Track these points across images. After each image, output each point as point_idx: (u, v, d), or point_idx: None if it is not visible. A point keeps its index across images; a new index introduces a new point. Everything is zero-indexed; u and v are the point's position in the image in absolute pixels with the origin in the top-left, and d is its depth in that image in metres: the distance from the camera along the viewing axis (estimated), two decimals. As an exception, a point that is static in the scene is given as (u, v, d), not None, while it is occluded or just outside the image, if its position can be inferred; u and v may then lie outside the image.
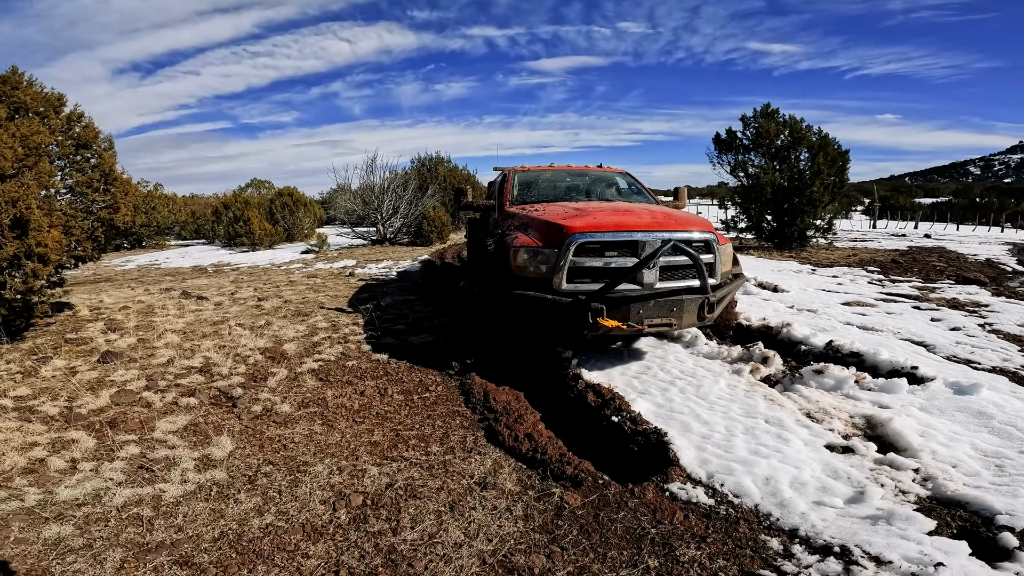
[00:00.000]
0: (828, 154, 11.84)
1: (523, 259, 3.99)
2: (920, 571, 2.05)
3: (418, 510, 2.46)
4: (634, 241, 3.92)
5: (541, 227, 4.16)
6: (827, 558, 2.14)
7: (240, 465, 2.87)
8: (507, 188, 5.71)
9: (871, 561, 2.12)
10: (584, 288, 3.87)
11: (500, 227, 4.96)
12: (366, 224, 15.68)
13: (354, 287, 8.18)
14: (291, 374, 4.22)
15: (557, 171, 6.47)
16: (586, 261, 3.87)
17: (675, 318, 3.95)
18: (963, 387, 3.84)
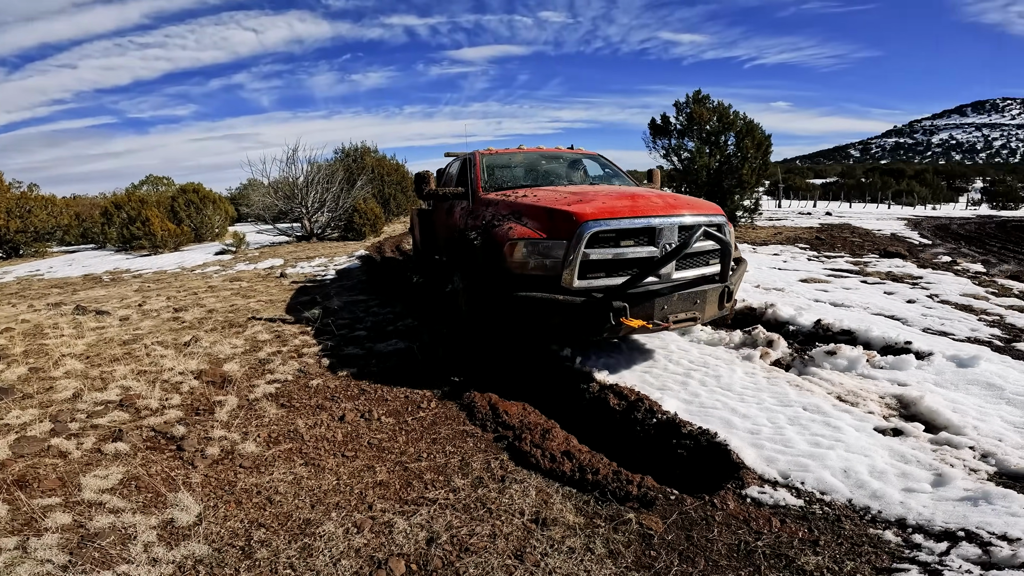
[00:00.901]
0: (755, 138, 12.25)
1: (522, 254, 3.38)
2: None
3: (481, 569, 1.91)
4: (651, 228, 3.41)
5: (541, 215, 3.53)
6: (957, 543, 1.99)
7: (221, 532, 2.14)
8: (476, 173, 4.97)
9: (1002, 540, 1.99)
10: (599, 284, 3.36)
11: (478, 217, 4.20)
12: (288, 220, 14.35)
13: (289, 289, 7.25)
14: (243, 402, 3.43)
15: (529, 154, 5.82)
16: (599, 253, 3.32)
17: (699, 311, 3.56)
18: (963, 360, 3.82)
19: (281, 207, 14.01)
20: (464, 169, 5.50)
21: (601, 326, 3.25)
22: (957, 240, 14.74)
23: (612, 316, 3.20)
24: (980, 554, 1.93)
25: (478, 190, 4.76)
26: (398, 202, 18.80)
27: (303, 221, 13.72)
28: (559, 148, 6.24)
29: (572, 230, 3.26)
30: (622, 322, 3.20)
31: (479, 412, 3.19)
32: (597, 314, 3.23)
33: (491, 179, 5.03)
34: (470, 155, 5.55)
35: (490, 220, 3.89)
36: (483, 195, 4.60)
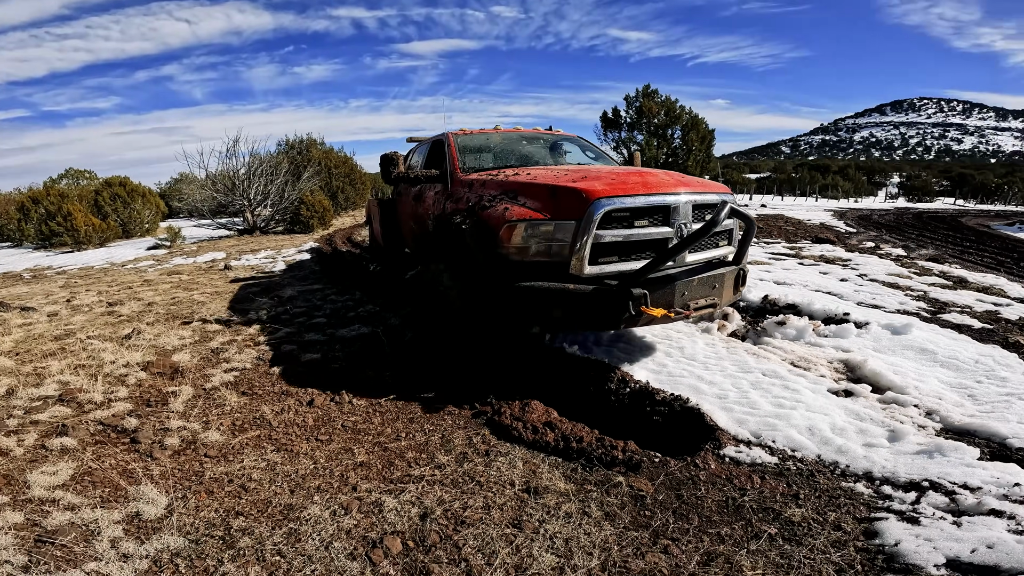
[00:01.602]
0: (699, 132, 12.73)
1: (522, 238, 2.96)
2: (1008, 491, 2.15)
3: (480, 540, 1.89)
4: (666, 206, 3.09)
5: (542, 193, 3.11)
6: (925, 493, 2.16)
7: (196, 523, 2.01)
8: (452, 153, 4.51)
9: (964, 489, 2.17)
10: (612, 270, 3.00)
11: (460, 200, 3.78)
12: (228, 214, 13.64)
13: (236, 281, 6.91)
14: (199, 392, 3.24)
15: (508, 134, 5.32)
16: (611, 235, 2.95)
17: (717, 296, 3.31)
18: (897, 328, 4.13)
19: (220, 200, 13.30)
20: (435, 152, 5.16)
21: (618, 317, 2.87)
22: (879, 228, 15.89)
23: (632, 305, 2.82)
24: (948, 502, 2.09)
25: (456, 171, 4.29)
26: (347, 195, 18.28)
27: (245, 214, 13.10)
28: (537, 129, 5.81)
29: (582, 209, 2.89)
30: (643, 311, 2.86)
31: (452, 387, 3.16)
32: (614, 303, 2.85)
33: (469, 161, 4.60)
34: (440, 137, 5.14)
35: (477, 202, 3.47)
36: (463, 176, 4.14)
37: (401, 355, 3.80)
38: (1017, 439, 2.56)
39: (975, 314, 4.85)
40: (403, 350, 3.89)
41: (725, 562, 1.79)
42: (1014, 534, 1.89)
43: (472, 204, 3.51)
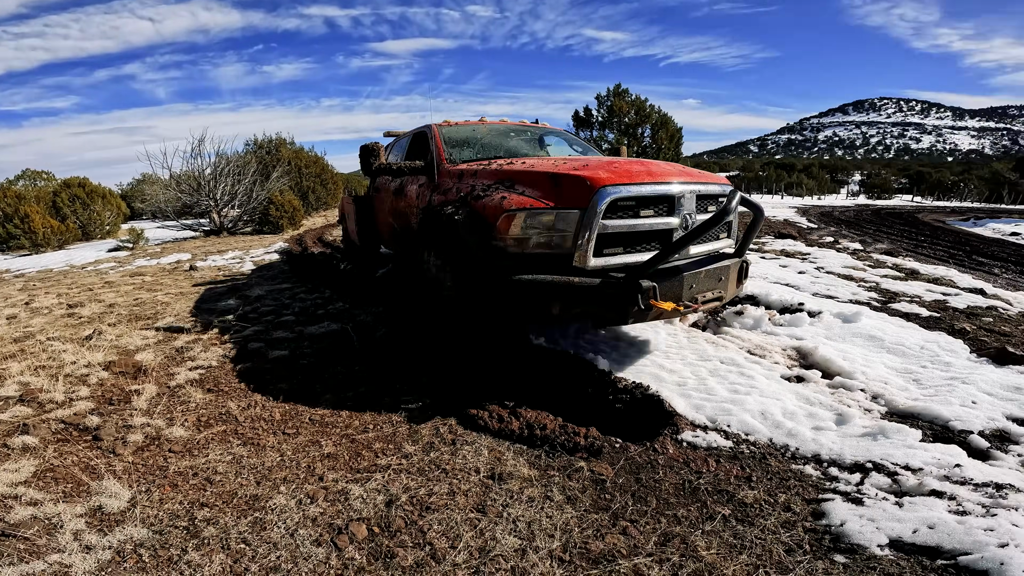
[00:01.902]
0: (668, 130, 12.99)
1: (522, 228, 2.82)
2: (948, 472, 2.24)
3: (445, 525, 1.95)
4: (671, 195, 3.00)
5: (542, 181, 2.98)
6: (868, 474, 2.26)
7: (160, 515, 2.02)
8: (438, 144, 4.36)
9: (906, 470, 2.27)
10: (618, 262, 2.89)
11: (449, 191, 3.64)
12: (194, 215, 13.35)
13: (201, 281, 6.79)
14: (163, 389, 3.22)
15: (495, 126, 5.19)
16: (616, 225, 2.84)
17: (723, 289, 3.25)
18: (847, 317, 4.34)
19: (185, 201, 13.01)
20: (417, 145, 5.00)
21: (626, 311, 2.77)
22: (839, 224, 16.42)
23: (640, 298, 2.71)
24: (890, 483, 2.19)
25: (442, 162, 4.13)
26: (318, 195, 18.05)
27: (211, 215, 12.84)
28: (524, 122, 5.67)
29: (586, 197, 2.76)
30: (652, 304, 2.76)
31: (421, 381, 3.20)
32: (622, 297, 2.74)
33: (455, 153, 4.41)
34: (422, 129, 4.96)
35: (470, 192, 3.31)
36: (451, 167, 4.00)
37: (371, 351, 3.82)
38: (959, 421, 2.70)
39: (924, 303, 5.10)
40: (374, 346, 3.91)
41: (681, 542, 1.87)
42: (955, 515, 1.97)
43: (464, 194, 3.33)
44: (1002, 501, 2.07)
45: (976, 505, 2.04)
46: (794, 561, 1.76)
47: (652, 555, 1.80)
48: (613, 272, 2.86)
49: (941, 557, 1.79)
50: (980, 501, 2.06)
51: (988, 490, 2.15)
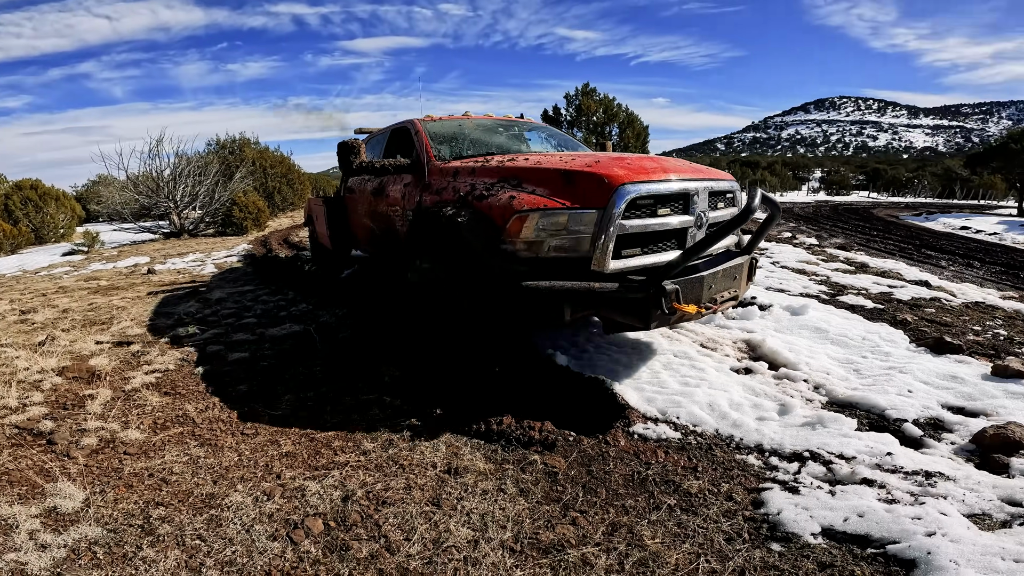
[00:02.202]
0: (635, 129, 13.23)
1: (535, 230, 2.61)
2: (880, 461, 2.34)
3: (400, 518, 2.00)
4: (687, 192, 2.87)
5: (553, 179, 2.79)
6: (805, 463, 2.34)
7: (115, 515, 2.02)
8: (424, 140, 4.07)
9: (840, 459, 2.36)
10: (634, 264, 2.73)
11: (443, 191, 3.39)
12: (152, 217, 13.00)
13: (160, 285, 6.65)
14: (118, 394, 3.18)
15: (482, 121, 4.91)
16: (635, 225, 2.67)
17: (737, 288, 3.15)
18: (796, 309, 4.54)
19: (143, 203, 12.66)
20: (397, 142, 4.72)
21: (648, 316, 2.63)
22: (798, 220, 16.96)
23: (664, 302, 2.57)
24: (825, 472, 2.27)
25: (431, 159, 3.84)
26: (284, 195, 17.76)
27: (171, 217, 12.52)
28: (509, 117, 5.43)
29: (604, 196, 2.59)
30: (675, 308, 2.62)
31: (384, 380, 3.24)
32: (646, 301, 2.60)
33: (444, 149, 4.12)
34: (403, 124, 4.65)
35: (469, 191, 3.08)
36: (442, 164, 3.73)
37: (334, 352, 3.83)
38: (894, 410, 2.81)
39: (870, 295, 5.36)
40: (337, 347, 3.92)
41: (628, 532, 1.94)
42: (884, 503, 2.03)
43: (464, 194, 3.11)
44: (931, 489, 2.14)
45: (905, 494, 2.10)
46: (733, 550, 1.83)
47: (600, 544, 1.87)
48: (632, 275, 2.70)
49: (871, 546, 1.84)
50: (909, 489, 2.13)
51: (918, 478, 2.23)
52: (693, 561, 1.78)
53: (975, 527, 1.92)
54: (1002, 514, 2.00)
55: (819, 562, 1.76)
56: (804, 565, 1.75)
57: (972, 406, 2.90)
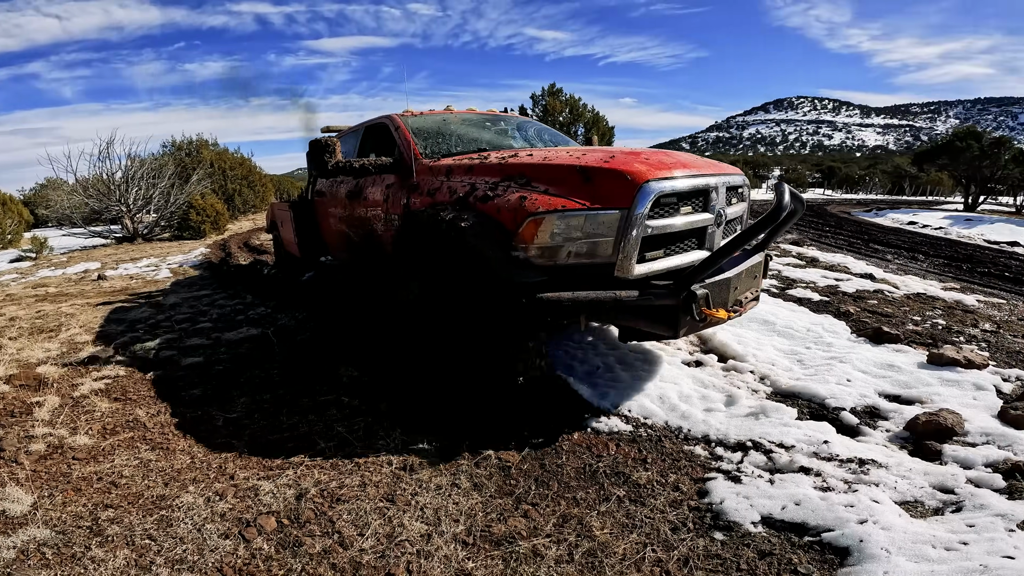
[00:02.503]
0: (600, 129, 13.43)
1: (552, 234, 2.35)
2: (817, 449, 2.42)
3: (354, 514, 2.02)
4: (707, 188, 2.71)
5: (570, 176, 2.53)
6: (748, 452, 2.41)
7: (63, 517, 2.00)
8: (407, 137, 3.75)
9: (780, 448, 2.44)
10: (659, 268, 2.54)
11: (436, 192, 3.07)
12: (104, 221, 12.55)
13: (112, 291, 6.45)
14: (66, 400, 3.10)
15: (467, 116, 4.59)
16: (658, 225, 2.48)
17: (756, 287, 3.02)
18: (747, 302, 4.71)
19: (94, 207, 12.21)
20: (373, 140, 4.38)
21: (677, 324, 2.44)
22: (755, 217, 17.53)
23: (695, 308, 2.39)
24: (766, 460, 2.34)
25: (417, 157, 3.53)
26: (244, 198, 17.36)
27: (124, 221, 12.11)
28: (493, 111, 5.12)
29: (628, 195, 2.37)
30: (706, 314, 2.43)
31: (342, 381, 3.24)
32: (676, 308, 2.42)
33: (429, 146, 3.79)
34: (380, 120, 4.28)
35: (469, 192, 2.79)
36: (431, 162, 3.41)
37: (293, 354, 3.80)
38: (834, 399, 2.93)
39: (817, 288, 5.59)
40: (295, 350, 3.89)
41: (578, 523, 1.98)
42: (819, 491, 2.09)
43: (463, 195, 2.81)
44: (864, 477, 2.21)
45: (839, 481, 2.17)
46: (678, 539, 1.89)
47: (550, 536, 1.92)
48: (656, 279, 2.51)
49: (807, 534, 1.88)
50: (843, 477, 2.20)
51: (852, 466, 2.30)
52: (640, 551, 1.84)
53: (907, 515, 1.97)
54: (934, 501, 2.07)
55: (759, 550, 1.82)
56: (745, 553, 1.80)
57: (908, 394, 3.04)
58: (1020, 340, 4.12)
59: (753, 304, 2.97)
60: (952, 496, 2.10)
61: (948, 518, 1.96)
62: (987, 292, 6.31)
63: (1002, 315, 5.02)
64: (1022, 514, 1.92)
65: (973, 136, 23.71)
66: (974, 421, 2.68)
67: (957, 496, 2.10)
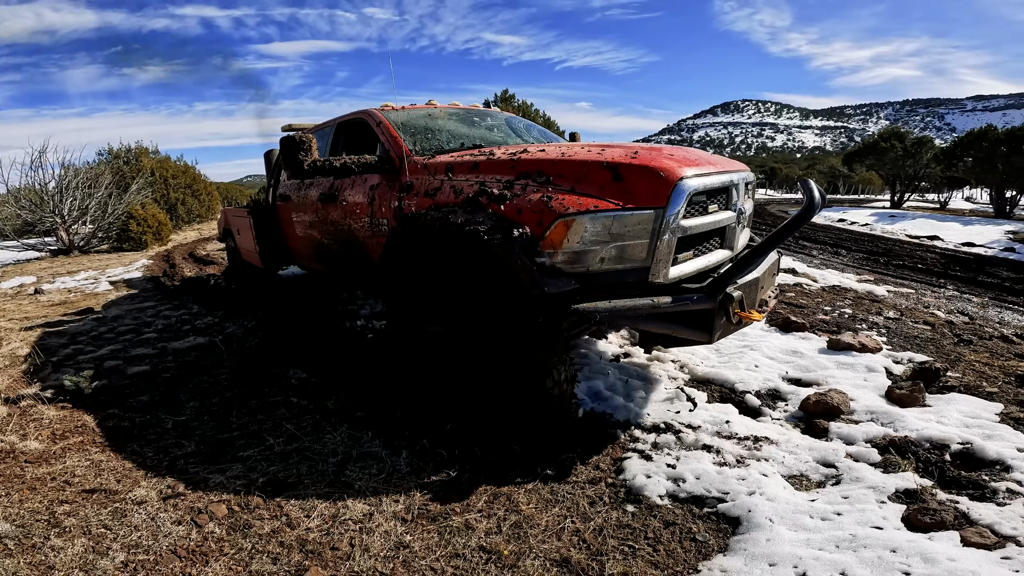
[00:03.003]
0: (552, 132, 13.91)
1: (582, 237, 2.18)
2: (720, 428, 2.71)
3: (301, 499, 2.20)
4: (730, 186, 2.65)
5: (596, 174, 2.35)
6: (661, 433, 2.69)
7: (21, 512, 2.10)
8: (392, 133, 3.48)
9: (688, 428, 2.73)
10: (689, 270, 2.46)
11: (437, 192, 2.81)
12: (37, 233, 12.03)
13: (51, 304, 6.29)
14: (13, 410, 3.13)
15: (455, 111, 4.29)
16: (691, 225, 2.39)
17: (775, 286, 2.98)
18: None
19: (26, 218, 11.68)
20: (350, 137, 4.12)
21: (712, 328, 2.34)
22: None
23: (731, 310, 2.30)
24: (675, 440, 2.59)
25: (407, 154, 3.26)
26: (188, 207, 16.87)
27: (59, 233, 11.63)
28: (476, 105, 4.83)
29: (663, 193, 2.23)
30: (740, 316, 2.35)
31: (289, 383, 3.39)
32: (711, 312, 2.32)
33: (418, 142, 3.53)
34: (357, 116, 3.98)
35: (479, 191, 2.53)
36: (425, 159, 3.18)
37: (242, 360, 3.90)
38: (742, 383, 3.26)
39: (742, 284, 6.04)
40: (244, 355, 3.99)
41: (507, 499, 2.17)
42: (716, 466, 2.32)
43: (472, 195, 2.54)
44: (756, 453, 2.45)
45: (734, 457, 2.39)
46: (595, 511, 2.11)
47: (482, 511, 2.13)
48: (686, 282, 2.41)
49: (706, 505, 2.10)
50: (739, 454, 2.41)
51: (747, 443, 2.54)
52: (560, 522, 2.05)
53: (791, 487, 2.20)
54: (817, 475, 2.31)
55: (664, 520, 2.04)
56: (652, 523, 2.02)
57: (807, 377, 3.38)
58: (919, 326, 4.60)
59: (775, 303, 2.89)
60: (833, 470, 2.34)
61: (828, 490, 2.17)
62: (898, 283, 6.95)
63: (908, 303, 5.58)
64: (892, 487, 2.15)
65: (897, 136, 25.43)
66: (861, 400, 3.00)
67: (837, 470, 2.34)
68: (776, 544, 1.85)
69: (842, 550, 1.81)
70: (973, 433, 2.61)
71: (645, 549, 1.89)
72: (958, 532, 1.89)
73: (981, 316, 5.26)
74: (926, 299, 5.94)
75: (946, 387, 3.24)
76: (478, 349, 2.53)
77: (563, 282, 2.18)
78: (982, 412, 2.87)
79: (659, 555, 1.86)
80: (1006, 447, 2.46)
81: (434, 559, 1.84)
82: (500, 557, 1.84)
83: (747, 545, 1.88)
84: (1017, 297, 6.51)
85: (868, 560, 1.75)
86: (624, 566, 1.79)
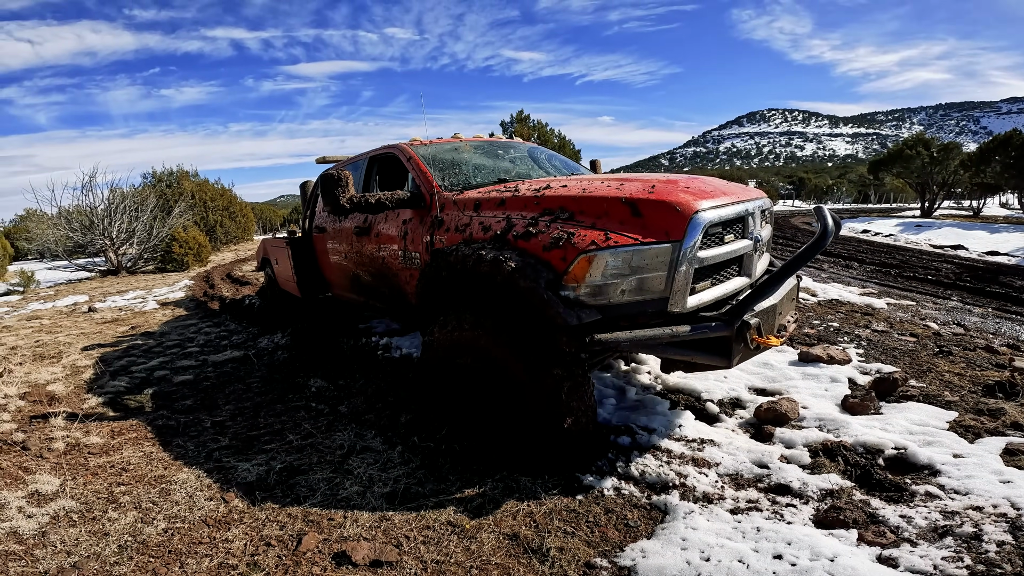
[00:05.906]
0: (567, 153, 14.35)
1: (604, 272, 2.30)
2: (672, 431, 3.01)
3: (309, 481, 2.69)
4: (746, 215, 2.74)
5: (615, 209, 2.47)
6: (620, 435, 3.00)
7: (84, 492, 2.65)
8: (422, 168, 3.63)
9: (644, 431, 3.04)
10: (708, 298, 2.55)
11: (466, 229, 2.96)
12: (87, 254, 13.06)
13: (102, 322, 7.04)
14: (77, 411, 3.75)
15: (481, 144, 4.41)
16: (708, 256, 2.49)
17: (794, 310, 3.03)
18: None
19: (78, 240, 12.71)
20: (379, 172, 4.35)
21: (731, 353, 2.41)
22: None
23: (749, 336, 2.40)
24: (631, 441, 2.85)
25: (437, 190, 3.39)
26: (226, 229, 17.90)
27: (108, 254, 12.62)
28: (499, 137, 5.08)
29: (680, 226, 2.34)
30: (759, 342, 2.44)
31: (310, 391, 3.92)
32: (729, 339, 2.40)
33: (445, 177, 3.63)
34: (387, 151, 4.12)
35: (506, 227, 2.68)
36: (454, 195, 3.29)
37: (271, 371, 4.45)
38: (707, 393, 3.50)
39: (736, 299, 6.30)
40: (274, 367, 4.54)
41: (479, 487, 2.49)
42: (662, 464, 2.58)
43: (500, 232, 2.68)
44: (699, 454, 2.66)
45: (677, 456, 2.62)
46: (548, 497, 2.42)
47: (455, 495, 2.51)
48: (704, 311, 2.52)
49: (644, 497, 2.37)
50: (682, 453, 2.66)
51: (694, 444, 2.75)
52: (517, 505, 2.40)
53: (724, 483, 2.43)
54: (750, 474, 2.50)
55: (605, 508, 2.30)
56: (594, 509, 2.30)
57: (772, 387, 3.60)
58: (904, 337, 4.71)
59: (794, 327, 2.92)
60: (765, 470, 2.52)
61: (750, 489, 2.38)
62: (902, 295, 6.96)
63: (903, 315, 5.61)
64: (814, 486, 2.35)
65: (923, 143, 24.90)
66: (814, 408, 3.19)
67: (769, 470, 2.53)
68: (691, 532, 2.12)
69: (746, 540, 2.05)
70: (913, 439, 2.77)
71: (584, 530, 2.23)
72: (856, 531, 2.07)
73: (977, 327, 5.28)
74: (925, 311, 5.97)
75: (905, 396, 3.41)
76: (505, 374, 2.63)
77: (586, 313, 2.30)
78: (932, 420, 3.02)
79: (595, 536, 2.20)
80: (941, 453, 2.60)
81: (409, 529, 2.28)
82: (463, 530, 2.26)
83: (668, 532, 2.14)
84: (1022, 307, 6.46)
85: (765, 550, 1.98)
86: (562, 542, 2.16)
